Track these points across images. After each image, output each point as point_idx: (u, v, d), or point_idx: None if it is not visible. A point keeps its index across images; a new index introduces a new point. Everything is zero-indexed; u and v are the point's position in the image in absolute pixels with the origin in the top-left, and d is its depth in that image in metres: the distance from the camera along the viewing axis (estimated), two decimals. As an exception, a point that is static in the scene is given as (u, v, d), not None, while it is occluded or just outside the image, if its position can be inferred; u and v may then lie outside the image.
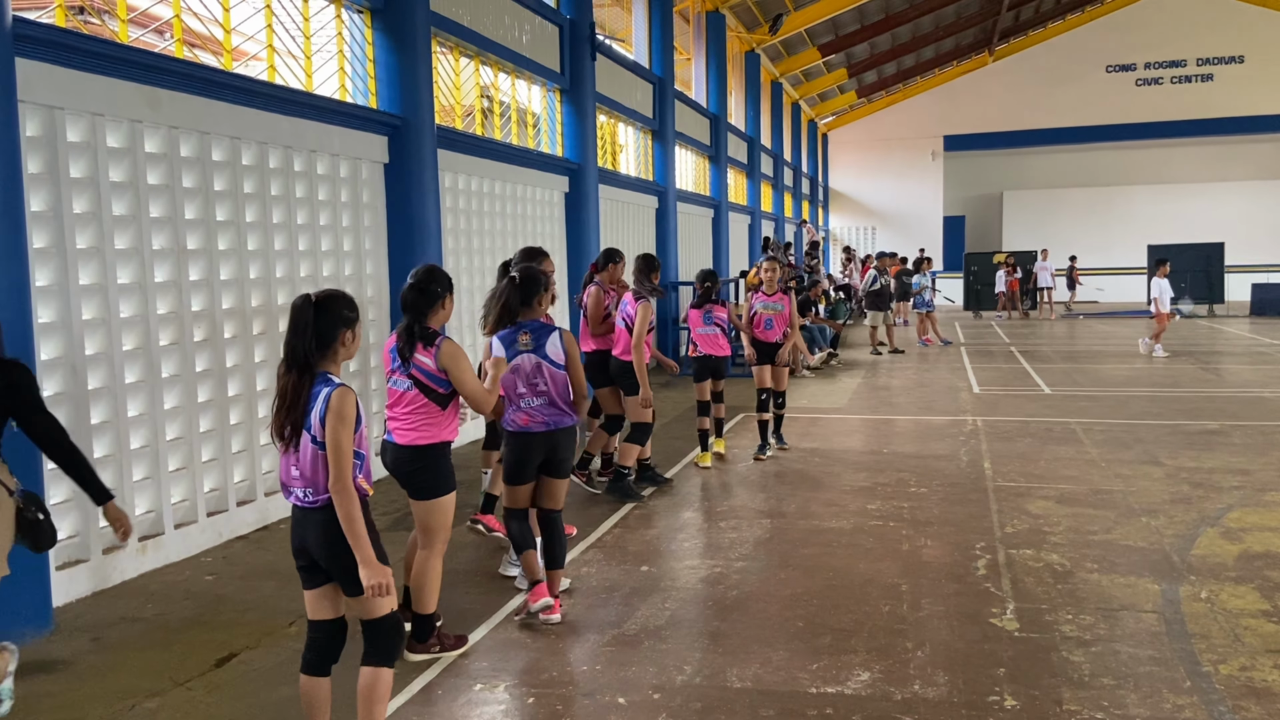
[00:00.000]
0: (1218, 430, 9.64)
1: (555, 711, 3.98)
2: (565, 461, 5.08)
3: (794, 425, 10.46)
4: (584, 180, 12.82)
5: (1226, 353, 17.11)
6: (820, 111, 34.95)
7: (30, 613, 4.83)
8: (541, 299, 5.09)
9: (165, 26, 6.82)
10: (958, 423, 10.39)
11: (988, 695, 4.02)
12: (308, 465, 3.35)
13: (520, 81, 11.98)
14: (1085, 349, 18.13)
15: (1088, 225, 32.84)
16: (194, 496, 6.31)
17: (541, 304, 5.11)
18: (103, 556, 5.60)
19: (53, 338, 5.38)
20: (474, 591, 5.45)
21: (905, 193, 35.53)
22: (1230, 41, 32.21)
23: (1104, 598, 5.12)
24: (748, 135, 24.64)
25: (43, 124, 5.32)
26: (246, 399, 6.79)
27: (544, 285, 5.12)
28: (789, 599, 5.21)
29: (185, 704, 4.13)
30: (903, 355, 17.52)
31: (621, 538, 6.45)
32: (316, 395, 3.34)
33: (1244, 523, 6.44)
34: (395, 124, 8.37)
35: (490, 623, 4.96)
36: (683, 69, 20.20)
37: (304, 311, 3.40)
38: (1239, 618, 4.79)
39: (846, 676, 4.23)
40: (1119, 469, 8.05)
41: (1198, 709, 3.87)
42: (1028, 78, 33.72)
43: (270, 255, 7.06)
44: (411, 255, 8.43)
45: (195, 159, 6.39)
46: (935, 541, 6.17)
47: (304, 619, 3.70)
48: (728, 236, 21.35)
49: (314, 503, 3.38)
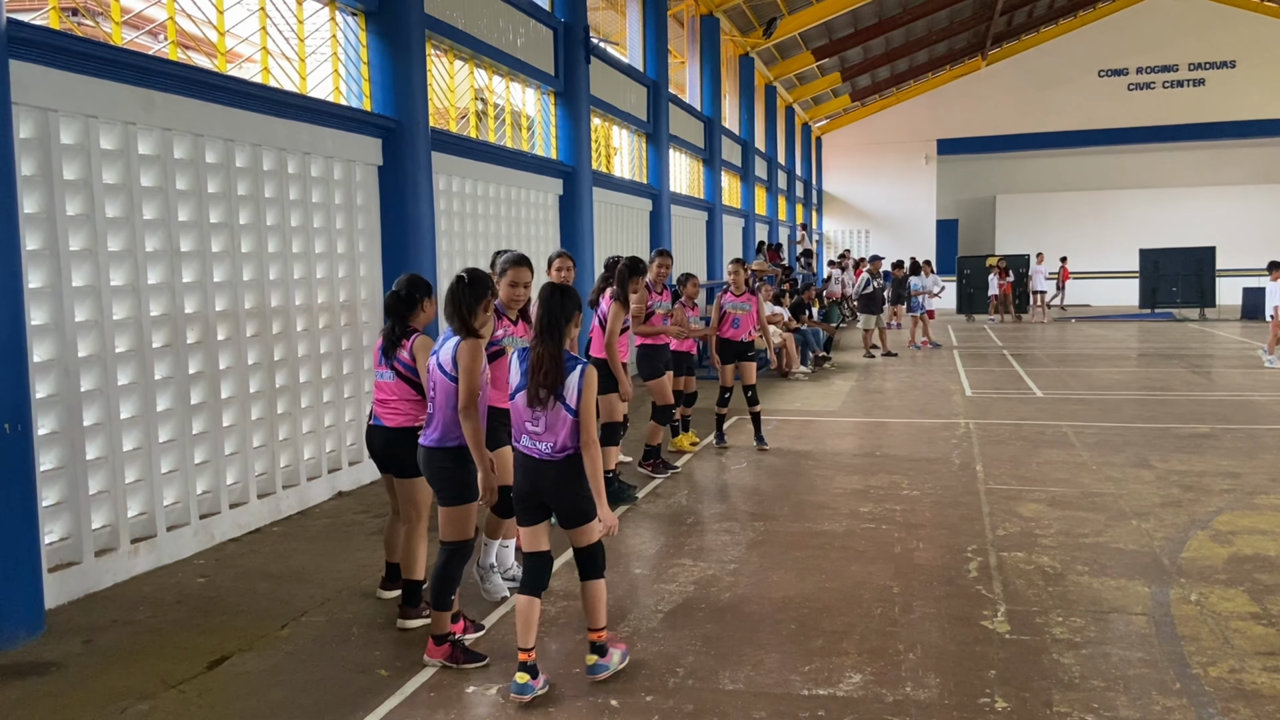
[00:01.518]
0: (1208, 433, 9.69)
1: (548, 714, 3.99)
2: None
3: (787, 428, 10.49)
4: (578, 183, 12.83)
5: (1217, 356, 17.18)
6: (814, 115, 35.04)
7: (22, 615, 4.82)
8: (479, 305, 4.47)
9: (159, 29, 6.81)
10: (950, 426, 10.43)
11: (979, 697, 4.04)
12: (558, 426, 4.10)
13: (514, 84, 11.99)
14: (1077, 352, 18.19)
15: (1080, 229, 32.98)
16: (186, 499, 6.30)
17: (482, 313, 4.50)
18: (95, 559, 5.59)
19: (46, 339, 5.37)
20: (468, 593, 5.45)
21: (899, 196, 35.64)
22: (1222, 46, 32.38)
23: (1094, 600, 5.14)
24: (742, 139, 24.68)
25: (36, 126, 5.32)
26: (240, 401, 6.78)
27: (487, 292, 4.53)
28: (781, 601, 5.22)
29: (177, 706, 4.13)
30: (895, 358, 17.56)
31: (613, 541, 6.45)
32: (570, 369, 4.08)
33: (1234, 525, 6.47)
34: (389, 126, 8.38)
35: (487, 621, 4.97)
36: (677, 72, 20.23)
37: (554, 295, 4.16)
38: (1228, 620, 4.82)
39: (838, 678, 4.25)
40: (1110, 472, 8.08)
41: (1187, 711, 3.89)
42: (1020, 82, 33.86)
43: (264, 257, 7.06)
44: (405, 257, 8.43)
45: (189, 161, 6.39)
46: (927, 544, 6.19)
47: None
48: (722, 240, 21.39)
49: (555, 456, 4.14)
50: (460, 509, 4.49)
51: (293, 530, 6.87)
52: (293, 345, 7.35)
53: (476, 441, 4.35)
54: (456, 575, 4.49)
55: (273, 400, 7.12)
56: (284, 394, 7.26)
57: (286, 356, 7.29)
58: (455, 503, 4.49)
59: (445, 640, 4.48)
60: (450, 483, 4.48)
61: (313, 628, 4.96)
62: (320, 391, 7.64)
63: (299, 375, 7.42)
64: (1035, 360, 16.85)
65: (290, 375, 7.33)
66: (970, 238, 34.80)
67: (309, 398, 7.54)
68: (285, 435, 7.28)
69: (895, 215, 35.73)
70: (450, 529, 4.50)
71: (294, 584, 5.70)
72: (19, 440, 4.78)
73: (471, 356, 4.34)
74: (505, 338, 5.21)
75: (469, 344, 4.36)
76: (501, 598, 5.35)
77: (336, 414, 7.85)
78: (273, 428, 7.12)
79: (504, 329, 5.26)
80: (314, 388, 7.58)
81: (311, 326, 7.56)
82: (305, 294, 7.50)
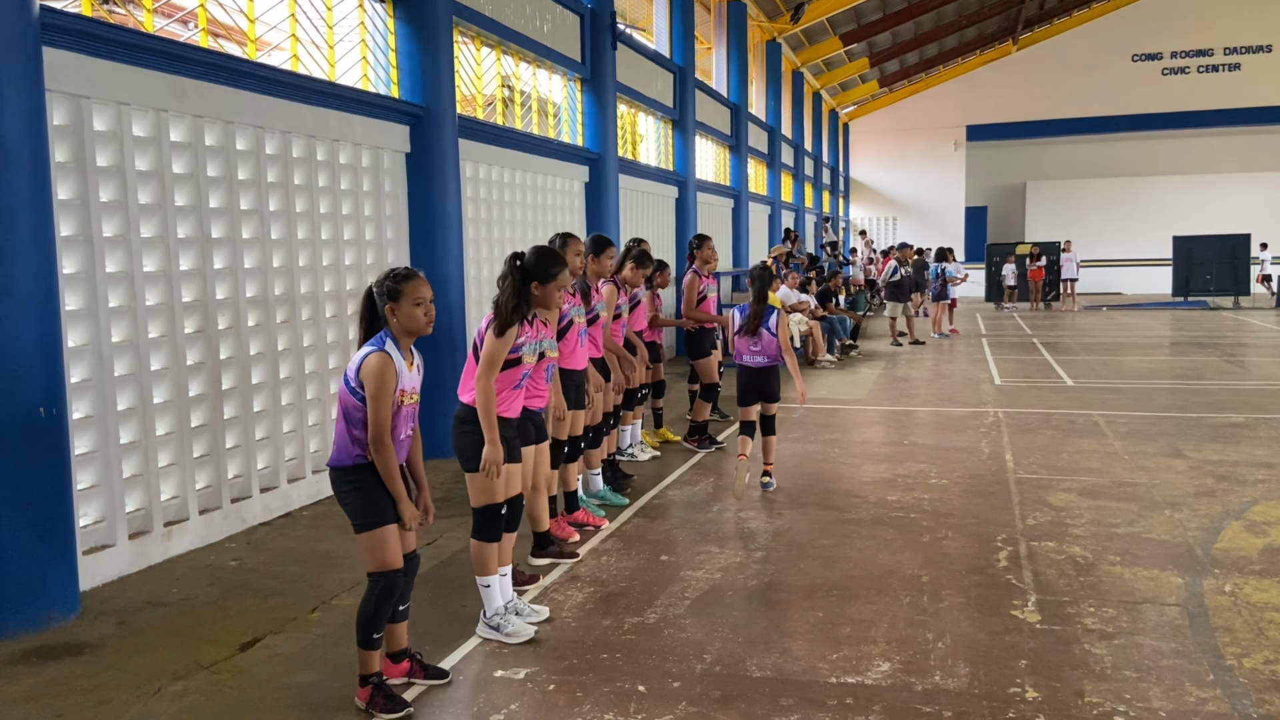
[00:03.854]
0: (1242, 423, 9.55)
1: (575, 698, 4.00)
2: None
3: (813, 416, 10.45)
4: (604, 170, 12.81)
5: (1251, 345, 16.93)
6: (841, 101, 34.75)
7: (57, 596, 4.90)
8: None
9: (190, 16, 6.85)
10: (979, 414, 10.34)
11: (1009, 687, 4.01)
12: (769, 345, 7.13)
13: (541, 71, 11.98)
14: (1108, 341, 17.98)
15: (1112, 216, 32.57)
16: (218, 482, 6.37)
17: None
18: (128, 542, 5.67)
19: (80, 325, 5.44)
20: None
21: (927, 183, 35.32)
22: (1258, 30, 31.80)
23: (1126, 590, 5.09)
24: (768, 125, 24.54)
25: (70, 113, 5.37)
26: (270, 386, 6.84)
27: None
28: (808, 589, 5.21)
29: (210, 687, 4.18)
30: (923, 346, 17.44)
31: (641, 527, 6.46)
32: (770, 312, 7.16)
33: (1269, 516, 6.38)
34: (417, 113, 8.39)
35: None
36: (703, 58, 20.12)
37: (764, 273, 7.17)
38: (1263, 611, 4.76)
39: (867, 667, 4.23)
40: (1142, 461, 7.99)
41: (1221, 702, 3.85)
42: (1052, 67, 33.42)
43: (293, 244, 7.10)
44: (433, 244, 8.46)
45: (219, 148, 6.43)
46: (956, 533, 6.15)
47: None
48: (748, 226, 21.29)
49: (768, 364, 7.19)
50: (366, 536, 3.87)
51: (322, 514, 6.92)
52: (321, 331, 7.40)
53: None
54: (382, 612, 3.89)
55: (302, 386, 7.17)
56: (313, 380, 7.31)
57: (315, 342, 7.34)
58: (361, 528, 3.90)
59: (367, 682, 3.91)
60: (348, 507, 3.91)
61: (343, 611, 5.00)
62: (349, 377, 7.68)
63: (328, 361, 7.47)
64: (1065, 348, 16.68)
65: (319, 361, 7.37)
66: (1000, 225, 34.46)
67: (336, 383, 7.58)
68: (314, 420, 7.33)
69: (923, 202, 35.43)
70: (365, 558, 3.91)
71: (324, 567, 5.75)
72: (53, 424, 4.84)
73: (380, 377, 3.75)
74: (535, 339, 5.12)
75: (379, 359, 3.77)
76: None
77: (365, 400, 7.88)
78: (302, 413, 7.17)
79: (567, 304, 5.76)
80: (341, 374, 7.61)
81: (340, 313, 7.60)
82: (334, 280, 7.54)
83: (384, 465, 3.80)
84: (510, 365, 4.62)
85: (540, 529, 5.73)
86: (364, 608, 3.89)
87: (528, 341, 4.68)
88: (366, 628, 3.88)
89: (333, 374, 7.53)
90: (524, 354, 4.66)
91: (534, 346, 4.75)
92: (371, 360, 3.78)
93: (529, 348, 4.70)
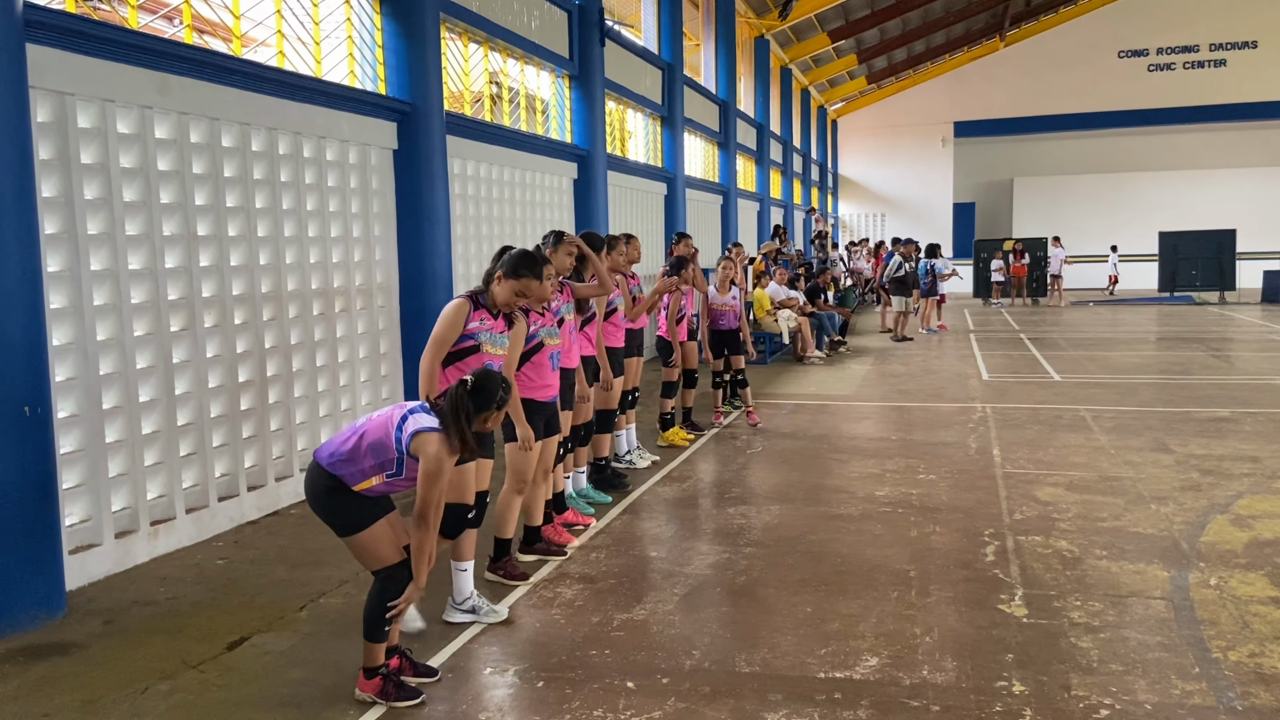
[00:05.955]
0: (1228, 417, 9.61)
1: (564, 695, 4.00)
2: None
3: (802, 413, 10.47)
4: (593, 167, 12.80)
5: (1237, 340, 17.03)
6: (830, 98, 34.80)
7: (43, 596, 4.87)
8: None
9: (174, 12, 6.81)
10: (967, 410, 10.38)
11: (996, 681, 4.03)
12: (732, 316, 8.43)
13: (529, 67, 11.95)
14: (1095, 336, 18.06)
15: (1099, 211, 32.67)
16: (205, 481, 6.34)
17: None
18: (115, 541, 5.64)
19: (64, 323, 5.40)
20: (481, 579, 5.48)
21: (915, 179, 35.39)
22: (1244, 26, 31.96)
23: (1113, 584, 5.12)
24: (757, 121, 24.55)
25: (53, 110, 5.33)
26: (257, 384, 6.81)
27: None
28: (797, 584, 5.22)
29: (198, 686, 4.16)
30: (911, 342, 17.48)
31: (630, 524, 6.47)
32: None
33: (1254, 510, 6.42)
34: (404, 110, 8.36)
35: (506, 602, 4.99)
36: (692, 55, 20.11)
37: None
38: (1248, 605, 4.79)
39: (855, 661, 4.25)
40: (1128, 456, 8.03)
41: (1206, 695, 3.87)
42: (1039, 63, 33.52)
43: (280, 241, 7.07)
44: (420, 241, 8.44)
45: (205, 145, 6.40)
46: (944, 528, 6.17)
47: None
48: (737, 223, 21.30)
49: (734, 325, 8.70)
50: (351, 540, 3.92)
51: (310, 513, 6.85)
52: (309, 329, 7.37)
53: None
54: (389, 605, 3.90)
55: (290, 384, 7.14)
56: (301, 377, 7.29)
57: (303, 340, 7.32)
58: (344, 531, 3.94)
59: (376, 674, 3.97)
60: (328, 512, 3.94)
61: (330, 609, 4.99)
62: (337, 375, 7.67)
63: (315, 359, 7.44)
64: (1052, 344, 16.74)
65: (307, 359, 7.35)
66: (987, 221, 34.55)
67: (325, 381, 7.56)
68: (302, 419, 7.31)
69: (911, 198, 35.49)
70: (361, 560, 3.98)
71: (312, 566, 5.73)
72: (39, 423, 4.82)
73: (438, 461, 3.68)
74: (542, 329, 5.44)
75: (438, 444, 3.68)
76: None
77: (352, 398, 7.87)
78: (289, 411, 7.14)
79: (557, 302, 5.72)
80: (330, 372, 7.60)
81: (328, 310, 7.58)
82: (321, 278, 7.52)
83: (418, 543, 3.77)
84: (529, 353, 5.24)
85: (533, 523, 5.74)
86: (371, 602, 3.91)
87: (540, 326, 5.29)
88: (374, 621, 3.91)
89: (320, 371, 7.50)
90: (543, 337, 5.33)
91: (549, 331, 5.39)
92: (430, 442, 3.69)
93: (545, 331, 5.34)
